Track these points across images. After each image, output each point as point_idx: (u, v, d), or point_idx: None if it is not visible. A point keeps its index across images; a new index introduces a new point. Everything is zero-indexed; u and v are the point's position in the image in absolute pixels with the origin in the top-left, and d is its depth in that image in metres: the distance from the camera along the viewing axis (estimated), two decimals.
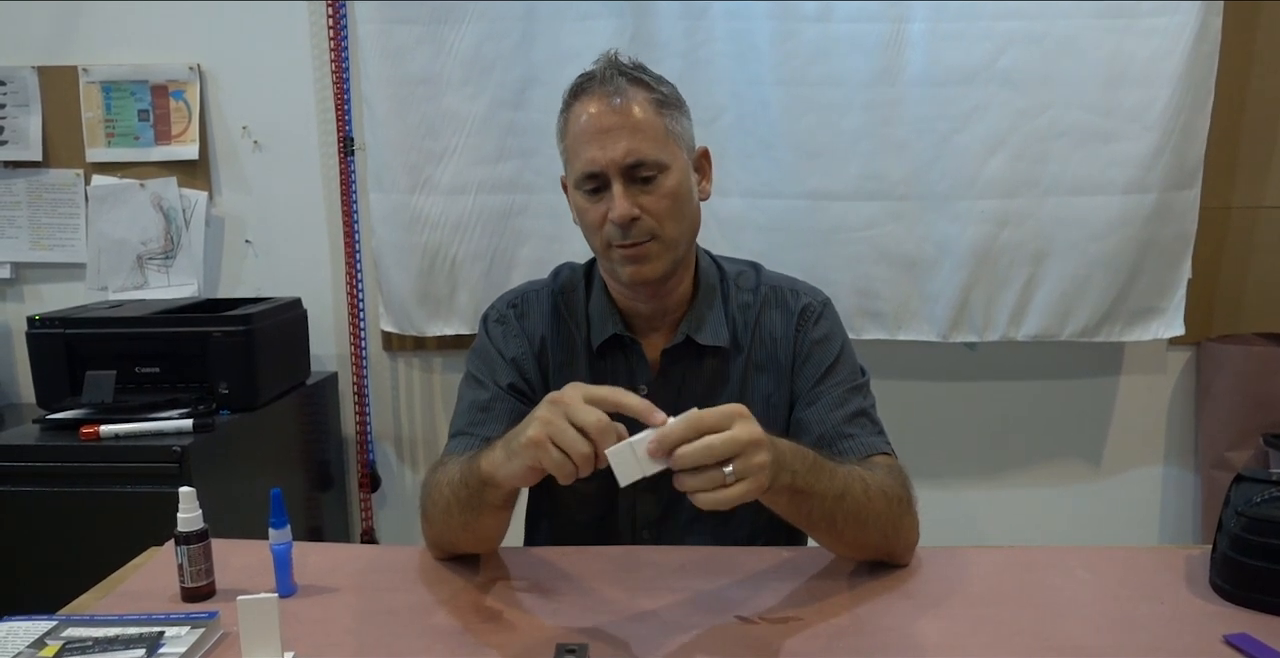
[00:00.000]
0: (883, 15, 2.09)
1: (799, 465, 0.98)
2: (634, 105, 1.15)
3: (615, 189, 1.13)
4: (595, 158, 1.13)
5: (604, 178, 1.14)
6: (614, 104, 1.14)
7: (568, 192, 1.25)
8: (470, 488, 1.04)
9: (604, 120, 1.14)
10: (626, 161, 1.13)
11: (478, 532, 1.12)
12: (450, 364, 2.42)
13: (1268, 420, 2.17)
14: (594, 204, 1.16)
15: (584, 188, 1.16)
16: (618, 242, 1.15)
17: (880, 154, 2.15)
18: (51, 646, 0.93)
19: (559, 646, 0.91)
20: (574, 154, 1.17)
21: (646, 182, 1.14)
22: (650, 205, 1.14)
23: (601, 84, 1.16)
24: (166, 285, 2.36)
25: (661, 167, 1.15)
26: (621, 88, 1.15)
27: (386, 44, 2.16)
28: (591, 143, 1.14)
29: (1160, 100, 2.08)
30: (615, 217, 1.13)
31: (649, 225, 1.15)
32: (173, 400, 1.92)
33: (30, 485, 1.77)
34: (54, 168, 2.35)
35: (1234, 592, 1.02)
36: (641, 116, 1.14)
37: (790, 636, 0.95)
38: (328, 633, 0.98)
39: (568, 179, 1.22)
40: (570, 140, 1.18)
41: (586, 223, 1.18)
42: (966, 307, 2.21)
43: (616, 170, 1.13)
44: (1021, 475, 2.43)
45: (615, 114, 1.14)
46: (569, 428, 0.88)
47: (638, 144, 1.13)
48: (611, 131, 1.13)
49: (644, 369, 1.25)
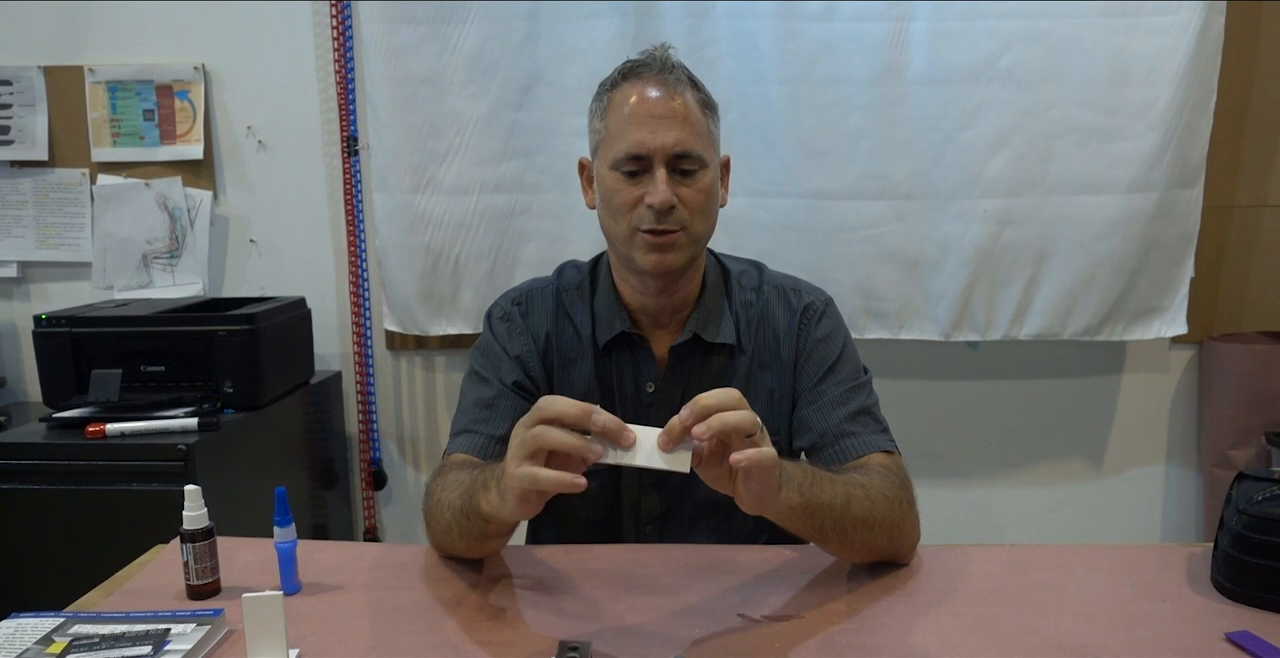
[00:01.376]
0: (886, 14, 2.09)
1: (801, 479, 0.99)
2: (686, 99, 1.16)
3: (659, 174, 1.14)
4: (644, 141, 1.14)
5: (648, 162, 1.14)
6: (669, 93, 1.16)
7: (585, 173, 1.25)
8: (472, 521, 1.02)
9: (658, 106, 1.15)
10: (675, 150, 1.14)
11: (482, 551, 1.14)
12: (453, 363, 2.42)
13: (1270, 419, 2.16)
14: (629, 186, 1.16)
15: (623, 169, 1.16)
16: (647, 226, 1.15)
17: (883, 153, 2.15)
18: (59, 642, 0.93)
19: (562, 643, 0.92)
20: (617, 134, 1.16)
21: (686, 174, 1.16)
22: (687, 198, 1.15)
23: (659, 72, 1.17)
24: (171, 284, 2.37)
25: (703, 162, 1.16)
26: (680, 80, 1.17)
27: (390, 44, 2.16)
28: (642, 126, 1.14)
29: (1163, 99, 2.07)
30: (657, 201, 1.13)
31: (682, 216, 1.15)
32: (178, 399, 1.93)
33: (37, 484, 1.78)
34: (60, 167, 2.36)
35: (1236, 590, 1.02)
36: (692, 111, 1.16)
37: (793, 634, 0.96)
38: (333, 630, 0.98)
39: (600, 160, 1.20)
40: (613, 120, 1.17)
41: (616, 204, 1.17)
42: (969, 306, 2.21)
43: (664, 157, 1.14)
44: (1024, 474, 2.44)
45: (670, 103, 1.15)
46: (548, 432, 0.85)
47: (687, 136, 1.14)
48: (665, 119, 1.14)
49: (651, 367, 1.25)
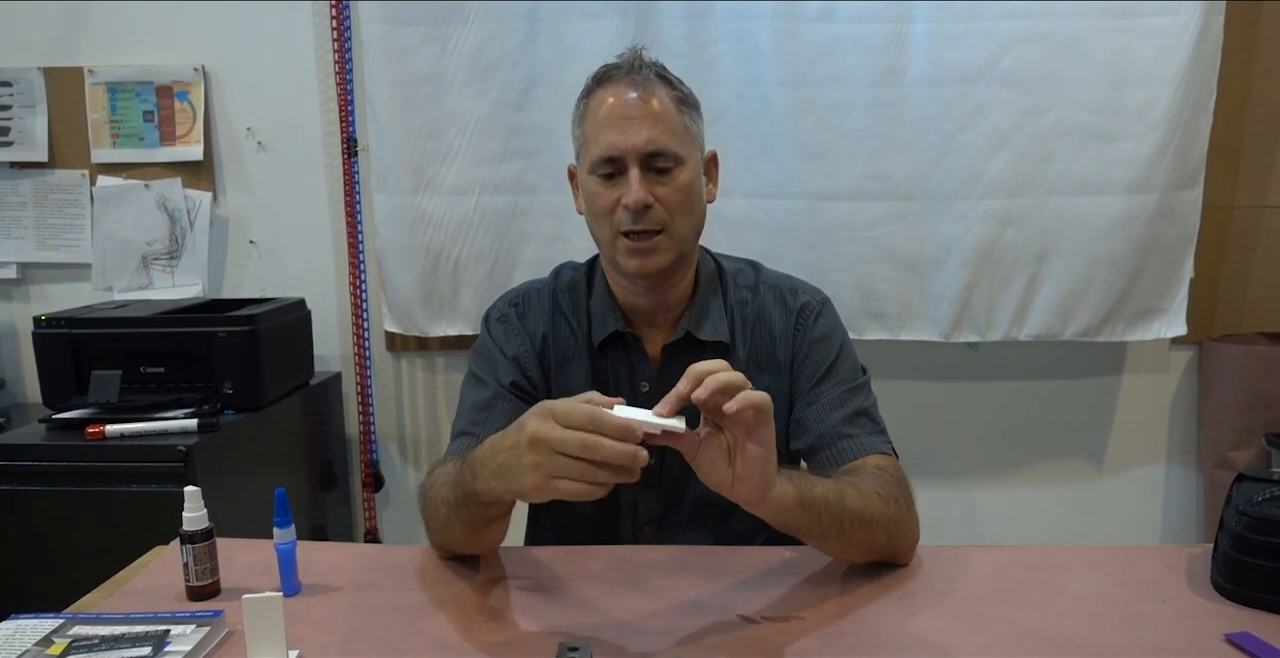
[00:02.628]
0: (885, 15, 2.09)
1: (791, 473, 0.99)
2: (658, 98, 1.16)
3: (632, 174, 1.14)
4: (616, 142, 1.14)
5: (622, 163, 1.15)
6: (640, 93, 1.16)
7: (574, 180, 1.25)
8: (470, 508, 1.02)
9: (628, 108, 1.15)
10: (647, 150, 1.14)
11: (481, 543, 1.13)
12: (453, 364, 2.42)
13: (1270, 420, 2.16)
14: (607, 189, 1.16)
15: (599, 172, 1.16)
16: (627, 228, 1.15)
17: (883, 154, 2.15)
18: (58, 644, 0.93)
19: (561, 644, 0.92)
20: (592, 139, 1.17)
21: (662, 173, 1.16)
22: (664, 196, 1.15)
23: (628, 73, 1.17)
24: (171, 286, 2.37)
25: (678, 160, 1.16)
26: (649, 79, 1.17)
27: (390, 45, 2.16)
28: (613, 128, 1.15)
29: (1163, 100, 2.07)
30: (631, 201, 1.13)
31: (661, 216, 1.15)
32: (178, 400, 1.93)
33: (36, 485, 1.78)
34: (60, 169, 2.36)
35: (1236, 591, 1.02)
36: (665, 109, 1.16)
37: (792, 635, 0.96)
38: (332, 632, 0.98)
39: (581, 165, 1.21)
40: (589, 125, 1.18)
41: (597, 209, 1.18)
42: (969, 306, 2.21)
43: (636, 157, 1.14)
44: (1024, 475, 2.43)
45: (640, 103, 1.15)
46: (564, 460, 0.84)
47: (659, 134, 1.14)
48: (635, 119, 1.14)
49: (645, 366, 1.25)
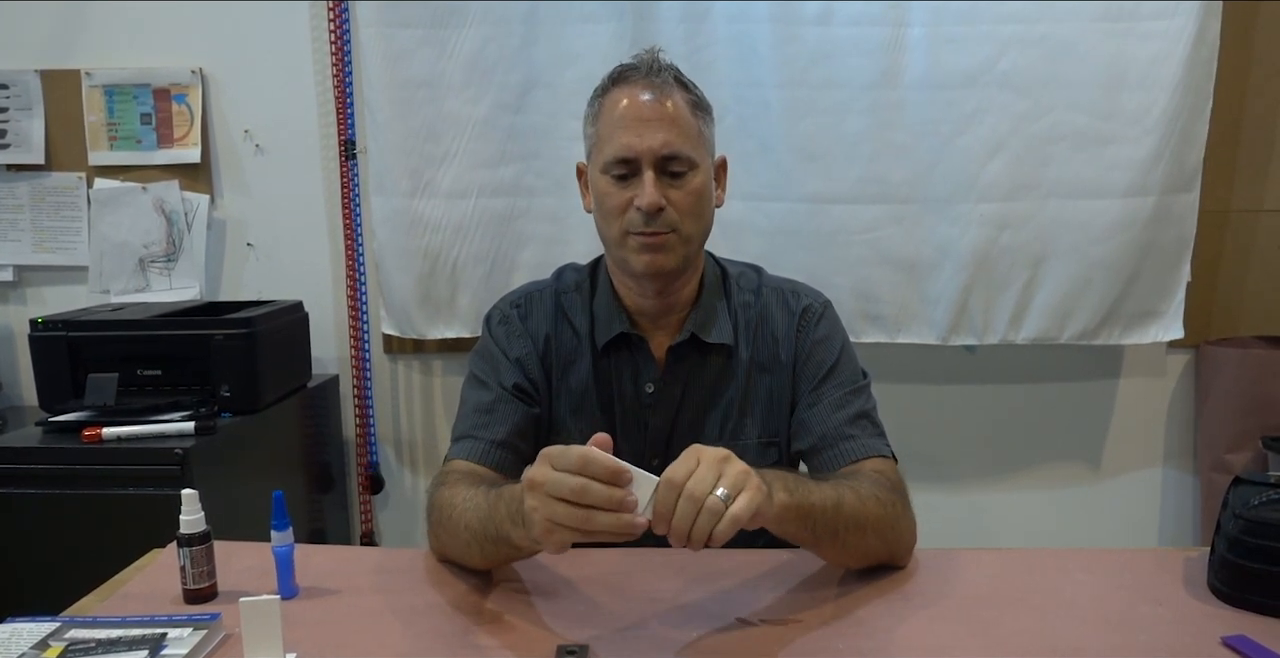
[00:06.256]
0: (883, 19, 2.09)
1: (787, 480, 0.98)
2: (674, 101, 1.17)
3: (646, 177, 1.14)
4: (631, 144, 1.14)
5: (636, 165, 1.15)
6: (657, 96, 1.16)
7: (583, 178, 1.25)
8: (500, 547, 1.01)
9: (645, 110, 1.15)
10: (662, 153, 1.14)
11: (495, 567, 1.12)
12: (451, 367, 2.42)
13: (1266, 423, 2.16)
14: (619, 190, 1.17)
15: (612, 173, 1.17)
16: (637, 229, 1.16)
17: (881, 157, 2.15)
18: (55, 647, 0.93)
19: (560, 647, 0.92)
20: (606, 138, 1.17)
21: (676, 176, 1.16)
22: (677, 200, 1.16)
23: (646, 75, 1.18)
24: (168, 288, 2.37)
25: (692, 164, 1.17)
26: (666, 82, 1.18)
27: (388, 47, 2.16)
28: (629, 129, 1.15)
29: (1160, 104, 2.08)
30: (644, 204, 1.14)
31: (672, 218, 1.16)
32: (174, 403, 1.92)
33: (33, 488, 1.77)
34: (56, 171, 2.36)
35: (1232, 594, 1.02)
36: (680, 113, 1.17)
37: (790, 637, 0.96)
38: (330, 635, 0.98)
39: (592, 164, 1.21)
40: (604, 125, 1.18)
41: (607, 208, 1.18)
42: (966, 309, 2.21)
43: (651, 160, 1.15)
44: (1021, 478, 2.44)
45: (657, 105, 1.16)
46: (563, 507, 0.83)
47: (675, 138, 1.15)
48: (651, 122, 1.15)
49: (650, 367, 1.25)
